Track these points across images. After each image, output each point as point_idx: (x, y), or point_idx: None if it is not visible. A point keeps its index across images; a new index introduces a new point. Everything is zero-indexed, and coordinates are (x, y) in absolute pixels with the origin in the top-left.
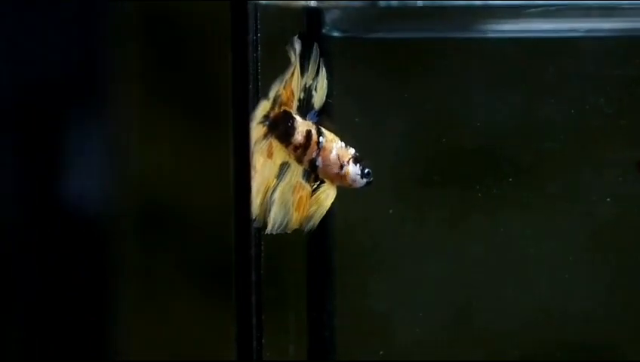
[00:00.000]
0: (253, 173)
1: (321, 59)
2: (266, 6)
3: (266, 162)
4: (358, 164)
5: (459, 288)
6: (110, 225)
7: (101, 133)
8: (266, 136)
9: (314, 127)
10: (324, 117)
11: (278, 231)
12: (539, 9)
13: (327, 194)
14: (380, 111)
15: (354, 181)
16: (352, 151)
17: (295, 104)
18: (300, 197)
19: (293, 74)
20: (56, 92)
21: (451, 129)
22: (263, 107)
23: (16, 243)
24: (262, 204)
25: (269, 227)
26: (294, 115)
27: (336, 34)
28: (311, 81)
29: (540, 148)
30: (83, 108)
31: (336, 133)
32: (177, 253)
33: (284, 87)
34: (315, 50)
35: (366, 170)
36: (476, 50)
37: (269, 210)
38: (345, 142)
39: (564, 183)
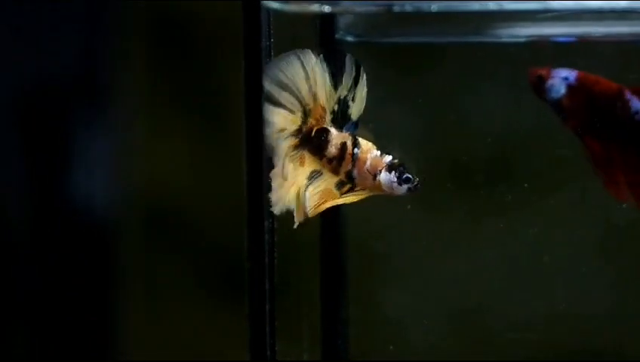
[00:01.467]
0: (280, 179)
1: (361, 68)
2: (279, 10)
3: (296, 168)
4: (393, 172)
5: (473, 295)
6: (116, 227)
7: (107, 134)
8: (297, 147)
9: (350, 138)
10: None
11: (280, 209)
12: (553, 13)
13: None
14: (394, 115)
15: (391, 189)
16: (387, 158)
17: (329, 117)
18: (325, 201)
19: (317, 86)
20: (61, 93)
21: (465, 134)
22: (292, 121)
23: (21, 246)
24: (297, 201)
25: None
26: (328, 128)
27: (349, 39)
28: (346, 93)
29: (553, 154)
30: (88, 110)
31: (375, 141)
32: (184, 256)
33: (314, 101)
34: (350, 62)
35: (404, 176)
36: (491, 55)
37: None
38: (385, 150)
39: (576, 188)
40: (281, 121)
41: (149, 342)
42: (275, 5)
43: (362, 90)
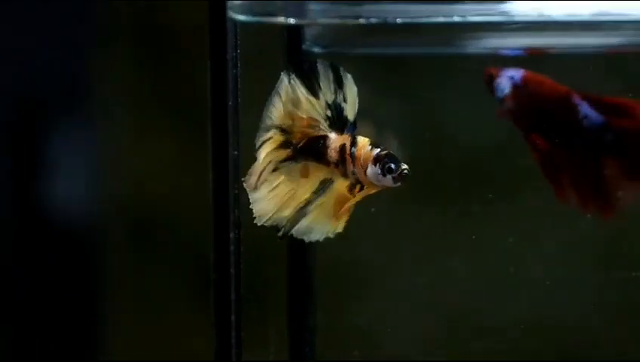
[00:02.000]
0: (264, 191)
1: (340, 68)
2: (245, 22)
3: (296, 181)
4: (377, 164)
5: (442, 303)
6: (97, 232)
7: (89, 140)
8: (290, 159)
9: (348, 139)
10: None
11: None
12: (520, 24)
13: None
14: (362, 125)
15: (379, 182)
16: (375, 151)
17: (325, 124)
18: (342, 207)
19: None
20: (42, 98)
21: (433, 143)
22: (275, 140)
23: (2, 253)
24: (290, 216)
25: (303, 236)
26: (324, 135)
27: (316, 50)
28: (333, 96)
29: (525, 163)
30: (70, 115)
31: (377, 135)
32: (167, 263)
33: (291, 118)
34: (323, 66)
35: (386, 166)
36: (458, 65)
37: (300, 222)
38: (377, 143)
39: (550, 197)
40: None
41: (132, 343)
42: (242, 17)
43: (352, 89)
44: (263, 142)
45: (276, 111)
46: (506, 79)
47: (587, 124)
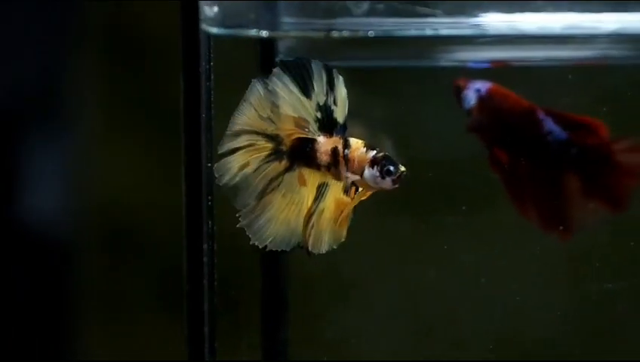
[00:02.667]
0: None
1: (333, 71)
2: (219, 35)
3: (300, 191)
4: (375, 166)
5: (414, 317)
6: (71, 242)
7: (62, 150)
8: (291, 168)
9: (340, 141)
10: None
11: (327, 249)
12: (490, 38)
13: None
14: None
15: (377, 185)
16: (371, 154)
17: (314, 126)
18: (342, 211)
19: (278, 104)
20: (15, 109)
21: (404, 155)
22: (256, 151)
23: None
24: (305, 229)
25: (315, 249)
26: (314, 138)
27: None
28: (324, 97)
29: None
30: (41, 126)
31: (370, 137)
32: (140, 272)
33: (279, 120)
34: (317, 67)
35: (385, 169)
36: (432, 79)
37: (311, 234)
38: (373, 145)
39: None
40: (240, 159)
41: (105, 353)
42: (215, 30)
43: (342, 92)
44: (236, 149)
45: (244, 117)
46: (473, 91)
47: (550, 139)
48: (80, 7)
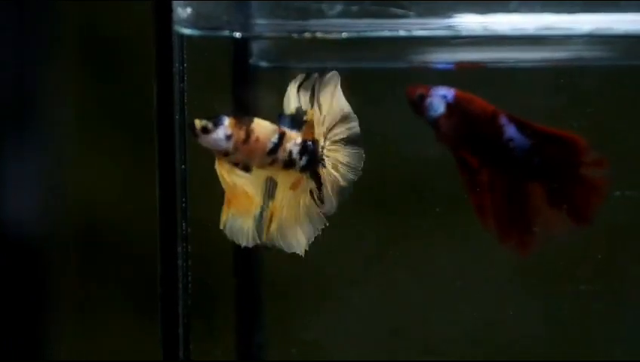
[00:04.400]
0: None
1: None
2: (192, 36)
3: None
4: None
5: (391, 319)
6: (45, 244)
7: (36, 151)
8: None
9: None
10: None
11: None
12: (465, 39)
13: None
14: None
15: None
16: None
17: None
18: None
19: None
20: None
21: (377, 157)
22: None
23: None
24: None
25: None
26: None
27: (263, 64)
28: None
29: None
30: (17, 127)
31: None
32: (114, 272)
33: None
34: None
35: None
36: (406, 80)
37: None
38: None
39: None
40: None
41: (78, 352)
42: (188, 31)
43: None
44: None
45: None
46: (439, 98)
47: (512, 146)
48: (52, 10)
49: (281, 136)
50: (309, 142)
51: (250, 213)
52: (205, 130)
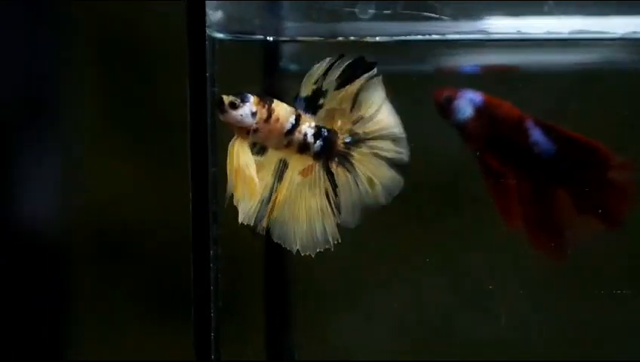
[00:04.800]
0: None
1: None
2: (224, 40)
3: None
4: None
5: (420, 323)
6: (61, 246)
7: (53, 154)
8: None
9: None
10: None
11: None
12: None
13: None
14: None
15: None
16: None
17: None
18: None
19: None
20: (5, 113)
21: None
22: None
23: None
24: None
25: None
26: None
27: (293, 67)
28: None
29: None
30: (35, 130)
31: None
32: (133, 277)
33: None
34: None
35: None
36: (433, 83)
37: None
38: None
39: None
40: None
41: (96, 354)
42: (220, 35)
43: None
44: None
45: None
46: (467, 101)
47: (537, 150)
48: (69, 11)
49: (298, 117)
50: (324, 129)
51: (257, 195)
52: (233, 106)
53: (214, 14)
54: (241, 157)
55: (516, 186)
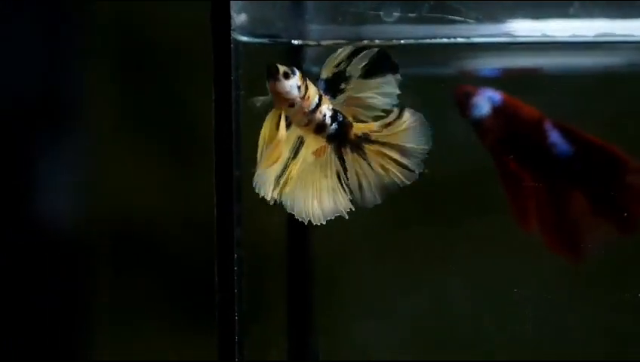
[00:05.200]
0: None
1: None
2: (248, 43)
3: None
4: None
5: (442, 326)
6: (83, 247)
7: (74, 154)
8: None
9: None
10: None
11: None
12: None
13: None
14: None
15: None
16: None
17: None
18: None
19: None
20: (27, 113)
21: (431, 165)
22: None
23: None
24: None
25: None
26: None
27: (316, 70)
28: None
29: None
30: (55, 130)
31: None
32: (154, 280)
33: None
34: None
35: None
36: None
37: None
38: None
39: None
40: None
41: (115, 356)
42: (245, 38)
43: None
44: None
45: None
46: (485, 99)
47: (554, 152)
48: (89, 12)
49: (320, 97)
50: (340, 114)
51: (275, 168)
52: (286, 76)
53: (238, 17)
54: (280, 130)
55: (533, 188)
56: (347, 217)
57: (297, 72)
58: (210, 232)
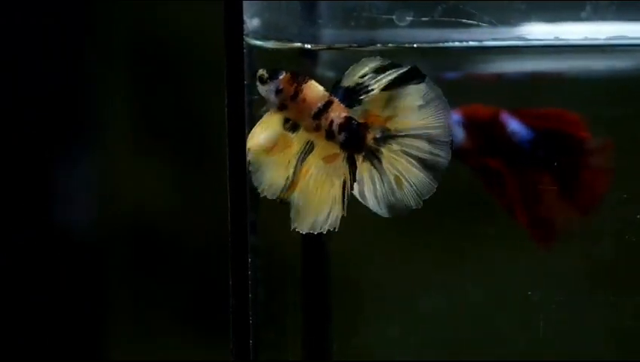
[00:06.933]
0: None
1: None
2: (261, 48)
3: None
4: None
5: (458, 330)
6: (101, 251)
7: (91, 158)
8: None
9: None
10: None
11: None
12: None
13: None
14: None
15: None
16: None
17: None
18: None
19: None
20: (45, 116)
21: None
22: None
23: (6, 274)
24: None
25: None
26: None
27: (330, 74)
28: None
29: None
30: (72, 133)
31: None
32: (166, 280)
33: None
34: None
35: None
36: (468, 88)
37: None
38: None
39: None
40: None
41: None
42: (258, 42)
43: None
44: None
45: None
46: (455, 125)
47: (517, 139)
48: (104, 14)
49: (328, 103)
50: (354, 122)
51: (279, 168)
52: (261, 80)
53: (251, 21)
54: (272, 126)
55: (510, 181)
56: (336, 230)
57: (280, 76)
58: (225, 234)
